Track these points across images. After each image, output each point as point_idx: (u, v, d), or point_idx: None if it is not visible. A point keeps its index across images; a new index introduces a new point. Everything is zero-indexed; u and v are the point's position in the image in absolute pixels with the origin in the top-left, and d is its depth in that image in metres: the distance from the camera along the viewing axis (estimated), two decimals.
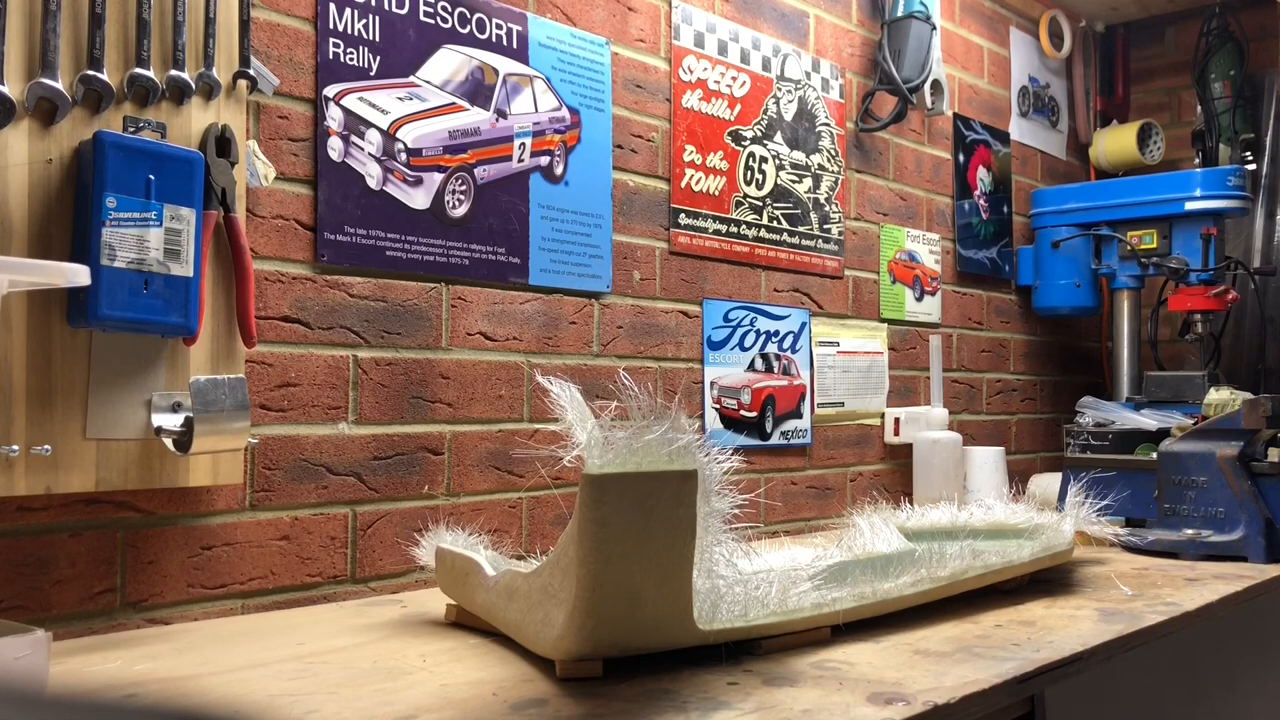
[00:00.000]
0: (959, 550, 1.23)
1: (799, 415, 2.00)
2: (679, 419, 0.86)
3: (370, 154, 1.38)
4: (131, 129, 1.12)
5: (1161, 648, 1.21)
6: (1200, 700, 1.37)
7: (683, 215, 1.81)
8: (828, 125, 2.09)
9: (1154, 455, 1.79)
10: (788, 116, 2.01)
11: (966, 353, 2.49)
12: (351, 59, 1.37)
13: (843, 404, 2.12)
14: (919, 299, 2.32)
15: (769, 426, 1.94)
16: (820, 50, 2.10)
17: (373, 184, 1.38)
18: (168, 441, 1.14)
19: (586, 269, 1.64)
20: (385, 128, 1.39)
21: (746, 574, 1.01)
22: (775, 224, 1.97)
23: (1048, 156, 2.83)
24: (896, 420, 2.19)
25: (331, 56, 1.35)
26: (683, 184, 1.81)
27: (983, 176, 2.55)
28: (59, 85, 1.06)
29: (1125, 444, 1.93)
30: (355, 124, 1.37)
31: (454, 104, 1.47)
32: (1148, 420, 1.98)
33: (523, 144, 1.55)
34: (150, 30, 1.13)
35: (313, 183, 1.33)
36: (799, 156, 2.03)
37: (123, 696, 0.34)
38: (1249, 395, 1.72)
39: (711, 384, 1.85)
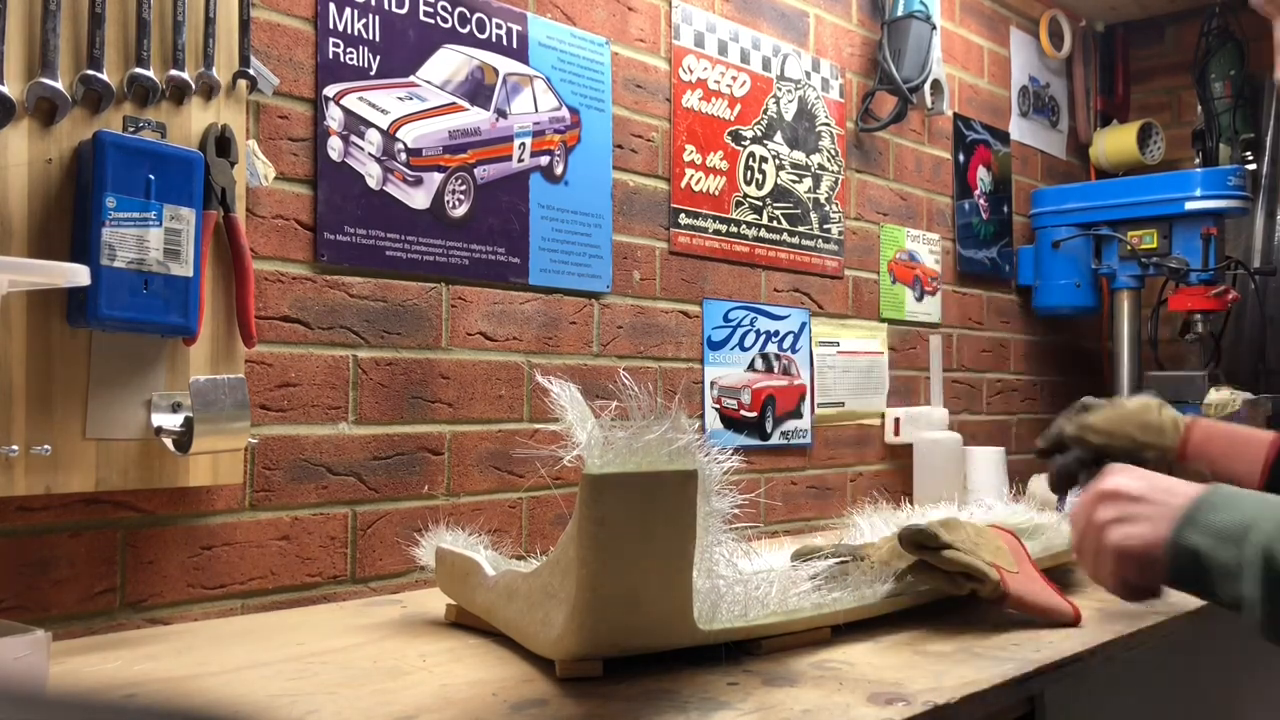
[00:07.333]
0: None
1: (799, 415, 2.00)
2: (679, 419, 0.85)
3: (370, 154, 1.38)
4: (131, 129, 1.12)
5: (1161, 648, 1.21)
6: (1200, 701, 1.37)
7: (683, 215, 1.81)
8: (828, 125, 2.09)
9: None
10: (788, 116, 2.01)
11: (966, 353, 2.49)
12: (351, 59, 1.37)
13: (843, 404, 2.12)
14: (919, 299, 2.32)
15: (769, 426, 1.94)
16: (820, 50, 2.10)
17: (373, 184, 1.38)
18: (168, 441, 1.14)
19: (586, 269, 1.64)
20: (385, 127, 1.39)
21: (746, 574, 1.01)
22: (775, 224, 1.97)
23: (1048, 156, 2.83)
24: (896, 420, 2.19)
25: (331, 56, 1.35)
26: (683, 184, 1.81)
27: (983, 176, 2.55)
28: (59, 85, 1.06)
29: None
30: (355, 124, 1.37)
31: (454, 104, 1.47)
32: None
33: (523, 144, 1.55)
34: (150, 30, 1.13)
35: (313, 183, 1.33)
36: (799, 156, 2.03)
37: (123, 696, 0.34)
38: (1249, 395, 1.72)
39: (711, 384, 1.84)
